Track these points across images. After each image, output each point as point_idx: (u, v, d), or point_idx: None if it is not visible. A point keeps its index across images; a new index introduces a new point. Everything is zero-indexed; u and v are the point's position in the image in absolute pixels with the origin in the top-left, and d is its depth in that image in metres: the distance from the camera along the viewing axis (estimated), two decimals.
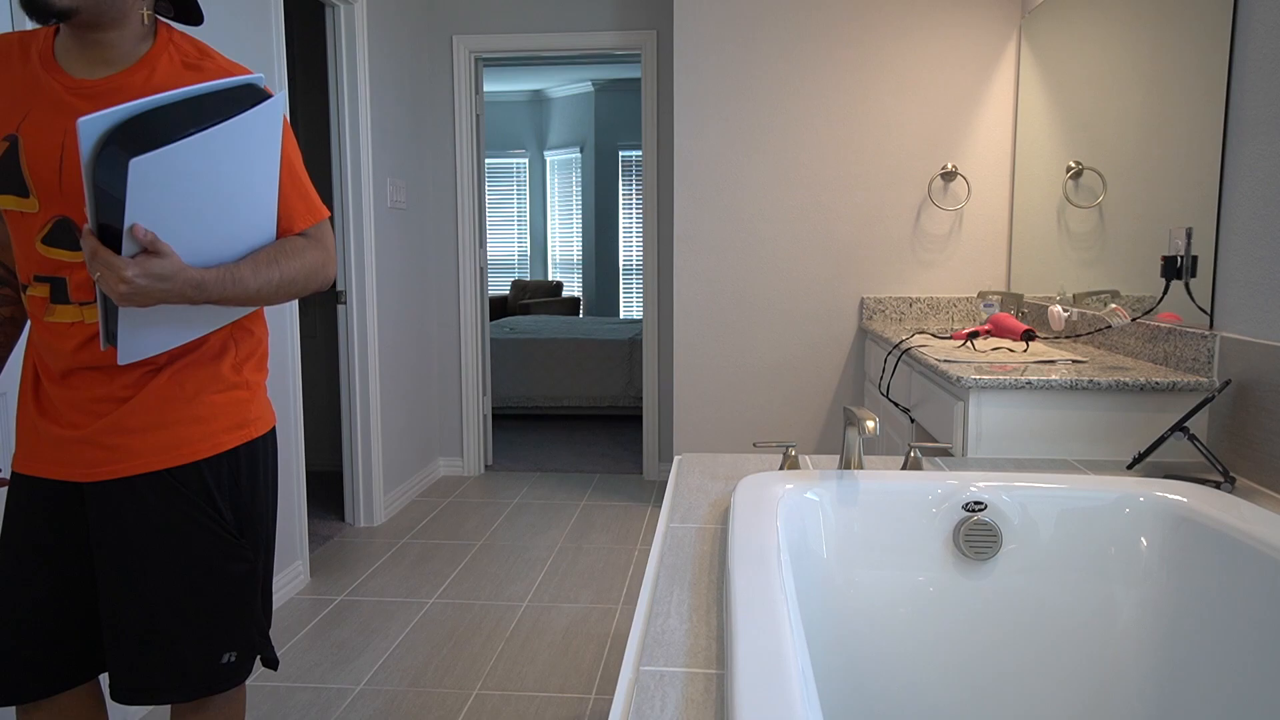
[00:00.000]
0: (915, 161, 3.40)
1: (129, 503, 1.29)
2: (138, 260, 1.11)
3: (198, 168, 1.12)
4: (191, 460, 1.30)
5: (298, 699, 2.28)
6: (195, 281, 1.16)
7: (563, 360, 5.64)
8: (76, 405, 1.28)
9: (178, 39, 1.31)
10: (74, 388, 1.28)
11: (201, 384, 1.32)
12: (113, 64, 1.25)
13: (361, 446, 3.61)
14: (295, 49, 4.25)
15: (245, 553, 1.36)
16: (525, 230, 8.78)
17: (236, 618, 1.37)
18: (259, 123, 1.16)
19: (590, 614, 2.80)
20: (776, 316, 3.50)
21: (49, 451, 1.30)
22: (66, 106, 1.23)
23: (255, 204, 1.23)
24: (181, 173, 1.10)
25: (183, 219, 1.14)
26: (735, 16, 3.40)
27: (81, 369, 1.28)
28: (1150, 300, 2.16)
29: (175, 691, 1.33)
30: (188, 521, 1.31)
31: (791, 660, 0.82)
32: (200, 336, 1.31)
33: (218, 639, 1.35)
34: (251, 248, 1.26)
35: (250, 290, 1.25)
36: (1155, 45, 2.17)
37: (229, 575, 1.35)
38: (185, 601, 1.32)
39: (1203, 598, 1.27)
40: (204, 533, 1.32)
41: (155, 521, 1.29)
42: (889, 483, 1.43)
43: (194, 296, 1.18)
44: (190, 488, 1.31)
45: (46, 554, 1.32)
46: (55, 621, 1.32)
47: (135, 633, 1.30)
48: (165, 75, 1.26)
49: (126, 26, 1.25)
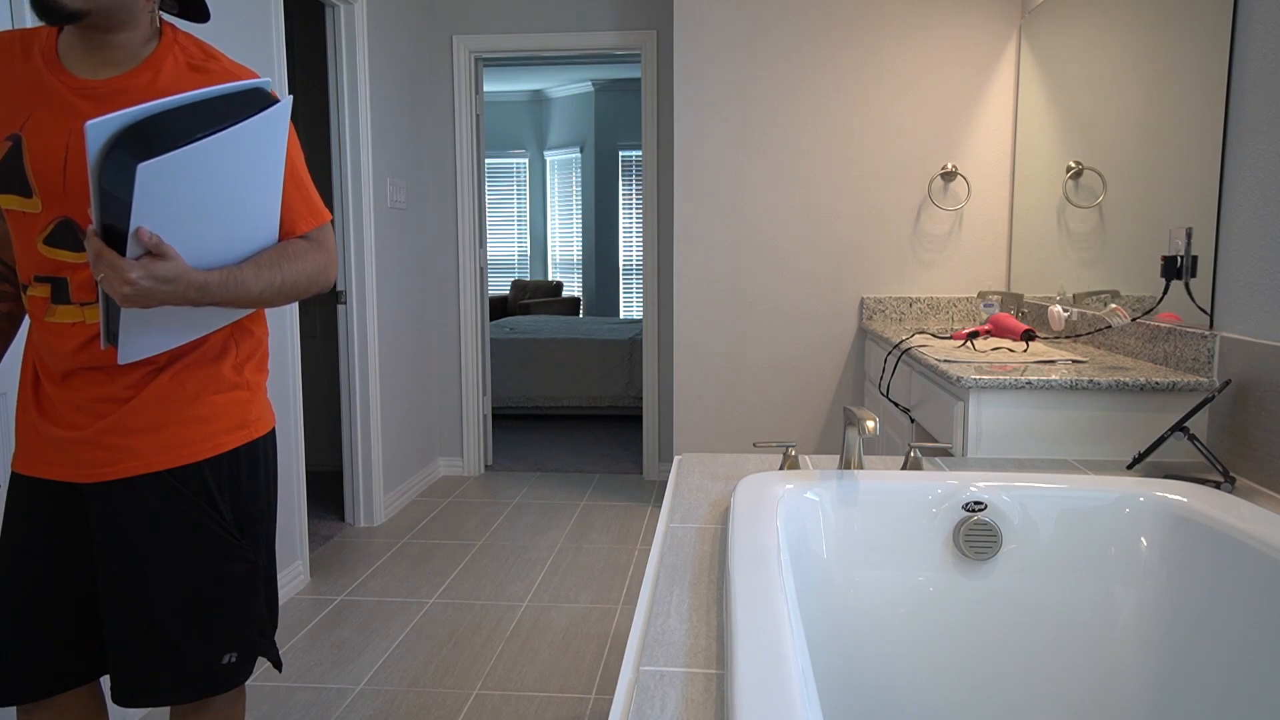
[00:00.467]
0: (915, 161, 3.40)
1: (130, 503, 1.29)
2: (142, 262, 1.11)
3: (204, 172, 1.12)
4: (192, 461, 1.31)
5: (298, 699, 2.28)
6: (198, 284, 1.17)
7: (563, 360, 5.64)
8: (77, 406, 1.28)
9: (183, 40, 1.31)
10: (75, 388, 1.28)
11: (202, 384, 1.32)
12: (118, 65, 1.25)
13: (361, 446, 3.61)
14: (295, 49, 4.25)
15: (246, 553, 1.37)
16: (525, 230, 8.78)
17: (237, 618, 1.37)
18: (266, 127, 1.16)
19: (590, 614, 2.80)
20: (776, 316, 3.50)
21: (50, 453, 1.30)
22: (71, 107, 1.22)
23: (259, 207, 1.23)
24: (188, 176, 1.11)
25: (187, 222, 1.15)
26: (735, 16, 3.40)
27: (82, 369, 1.28)
28: (1150, 300, 2.16)
29: (176, 692, 1.33)
30: (188, 521, 1.31)
31: (791, 660, 0.82)
32: (201, 337, 1.31)
33: (218, 639, 1.35)
34: (254, 250, 1.26)
35: (253, 293, 1.25)
36: (1155, 45, 2.17)
37: (229, 575, 1.35)
38: (186, 601, 1.32)
39: (1202, 598, 1.27)
40: (204, 533, 1.32)
41: (156, 521, 1.29)
42: (889, 483, 1.43)
43: (196, 298, 1.18)
44: (191, 488, 1.31)
45: (47, 556, 1.31)
46: (56, 623, 1.32)
47: (136, 633, 1.30)
48: (170, 77, 1.26)
49: (135, 28, 1.25)
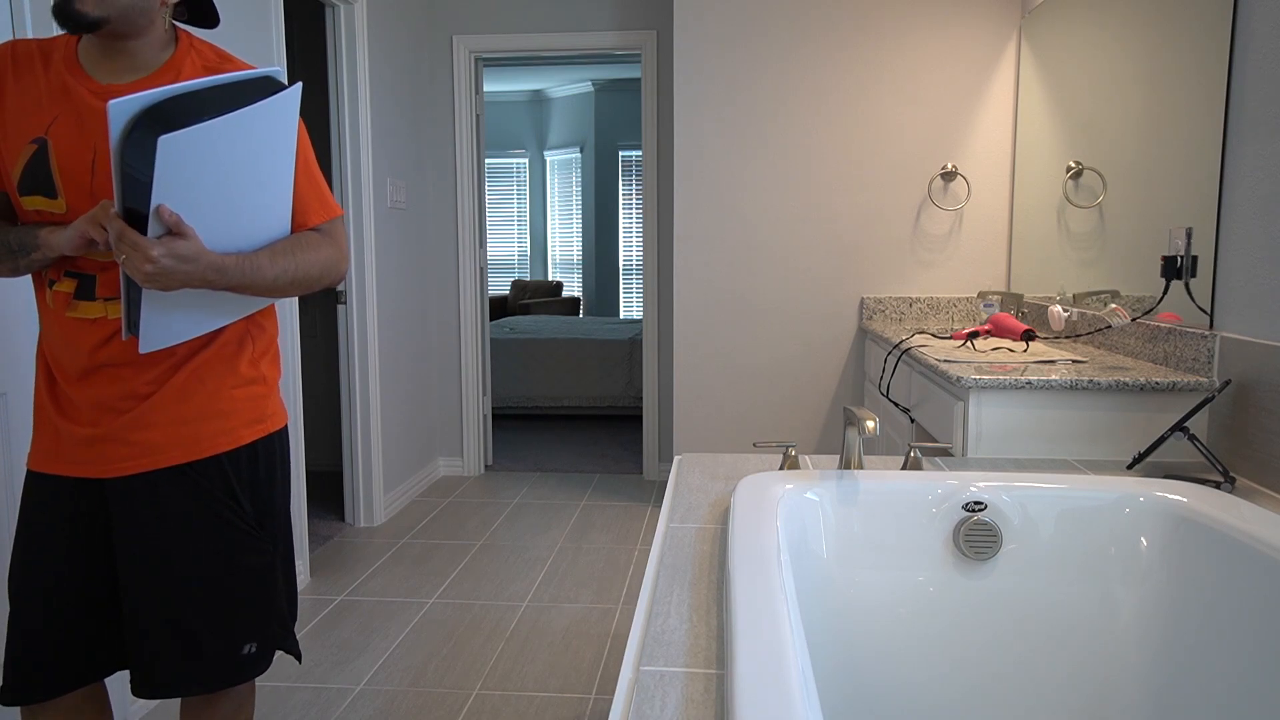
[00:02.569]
0: (915, 161, 3.40)
1: (151, 497, 1.31)
2: (163, 240, 1.14)
3: (221, 151, 1.16)
4: (212, 454, 1.33)
5: (298, 699, 2.28)
6: (216, 265, 1.19)
7: (563, 360, 5.64)
8: (98, 403, 1.30)
9: (198, 44, 1.35)
10: (95, 386, 1.30)
11: (221, 379, 1.35)
12: (139, 69, 1.29)
13: (361, 446, 3.61)
14: (295, 49, 4.25)
15: (264, 545, 1.39)
16: (525, 230, 8.78)
17: (257, 610, 1.39)
18: (277, 111, 1.20)
19: (590, 614, 2.80)
20: (776, 316, 3.50)
21: (71, 451, 1.31)
22: (95, 111, 1.26)
23: (272, 195, 1.26)
24: (206, 155, 1.14)
25: (205, 203, 1.18)
26: (735, 16, 3.40)
27: (103, 367, 1.30)
28: (1150, 300, 2.16)
29: (198, 683, 1.35)
30: (209, 514, 1.33)
31: (791, 660, 0.82)
32: (217, 331, 1.34)
33: (239, 631, 1.37)
34: (268, 239, 1.29)
35: (267, 279, 1.28)
36: (1155, 45, 2.17)
37: (249, 567, 1.37)
38: (207, 593, 1.34)
39: (1202, 597, 1.27)
40: (225, 525, 1.35)
41: (177, 514, 1.32)
42: (889, 483, 1.43)
43: (215, 280, 1.21)
44: (212, 481, 1.34)
45: (68, 555, 1.33)
46: (75, 622, 1.33)
47: (158, 625, 1.32)
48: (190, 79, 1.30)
49: (152, 34, 1.29)
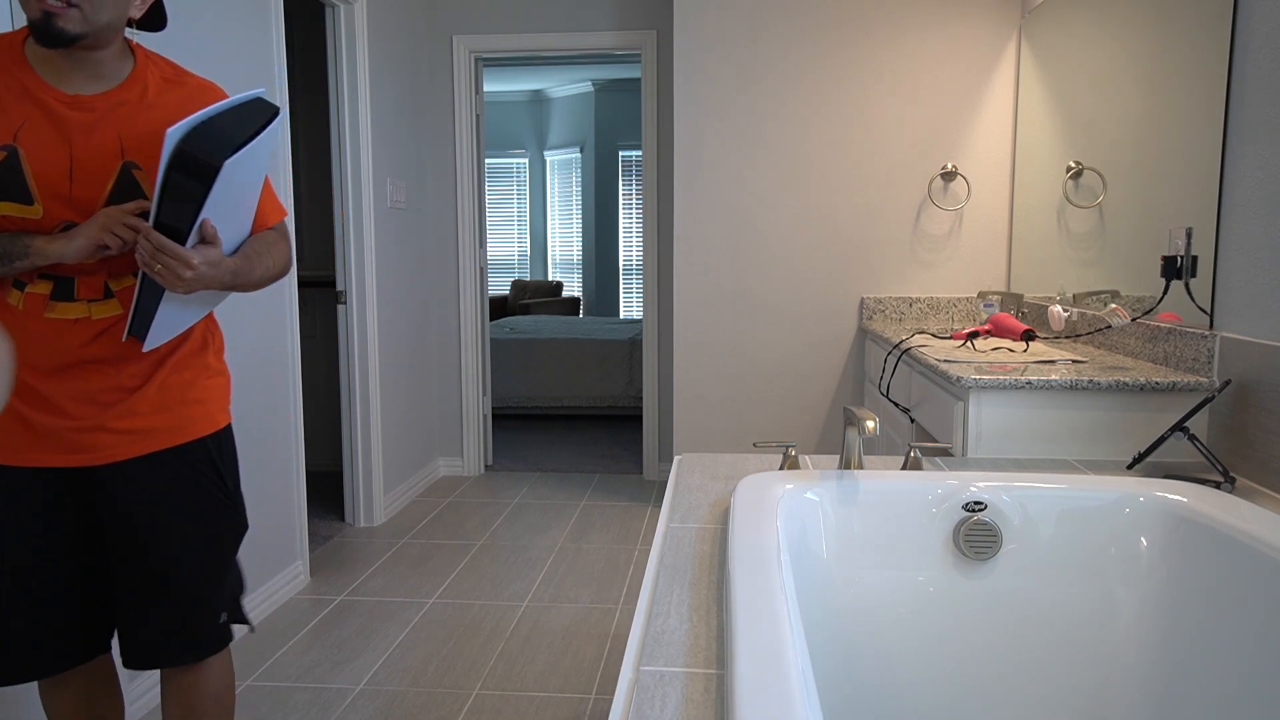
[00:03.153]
0: (915, 161, 3.40)
1: (147, 478, 1.42)
2: (199, 249, 1.28)
3: (243, 168, 1.28)
4: (197, 437, 1.47)
5: (298, 699, 2.28)
6: (231, 268, 1.34)
7: (563, 360, 5.63)
8: (80, 397, 1.37)
9: (153, 56, 1.43)
10: (76, 380, 1.36)
11: (196, 372, 1.49)
12: (104, 80, 1.35)
13: (361, 446, 3.61)
14: (295, 49, 4.24)
15: (239, 518, 1.54)
16: (525, 230, 8.78)
17: (230, 579, 1.53)
18: (275, 132, 1.34)
19: (590, 614, 2.80)
20: (776, 316, 3.50)
21: (49, 442, 1.37)
22: (64, 120, 1.30)
23: (252, 201, 1.41)
24: (234, 172, 1.26)
25: (221, 215, 1.30)
26: (735, 16, 3.40)
27: (85, 363, 1.36)
28: (1150, 300, 2.16)
29: (187, 651, 1.47)
30: (198, 489, 1.47)
31: (791, 660, 0.82)
32: (186, 330, 1.46)
33: (217, 600, 1.50)
34: (242, 239, 1.42)
35: (255, 276, 1.43)
36: (1155, 46, 2.17)
37: (229, 536, 1.52)
38: (199, 565, 1.46)
39: (1202, 597, 1.27)
40: (211, 500, 1.48)
41: (173, 492, 1.44)
42: (889, 483, 1.43)
43: (229, 282, 1.35)
44: (199, 460, 1.47)
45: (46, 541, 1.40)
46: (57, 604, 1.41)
47: (152, 598, 1.43)
48: (156, 90, 1.38)
49: (115, 45, 1.35)
